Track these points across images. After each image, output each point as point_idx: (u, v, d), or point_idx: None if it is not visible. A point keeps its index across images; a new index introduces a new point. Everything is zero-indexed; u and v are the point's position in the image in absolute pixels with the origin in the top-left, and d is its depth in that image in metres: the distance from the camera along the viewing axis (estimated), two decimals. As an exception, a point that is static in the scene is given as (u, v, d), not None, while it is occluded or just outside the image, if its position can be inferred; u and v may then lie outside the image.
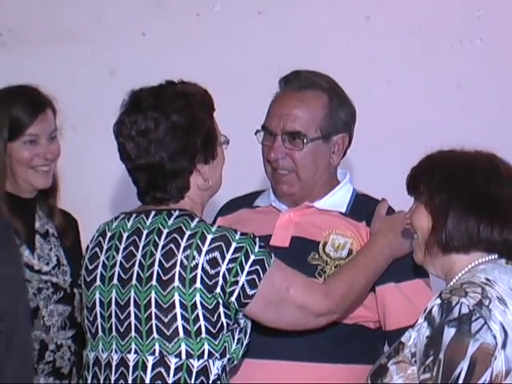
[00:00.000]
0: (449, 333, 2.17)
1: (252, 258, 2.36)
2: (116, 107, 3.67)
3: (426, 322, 2.21)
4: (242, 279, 2.35)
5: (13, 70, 3.35)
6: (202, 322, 2.35)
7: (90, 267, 2.51)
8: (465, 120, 3.51)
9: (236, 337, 2.43)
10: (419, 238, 2.39)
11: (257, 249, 2.38)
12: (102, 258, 2.48)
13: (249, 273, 2.36)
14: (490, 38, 3.53)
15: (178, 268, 2.36)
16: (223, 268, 2.35)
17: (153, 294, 2.38)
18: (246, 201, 2.70)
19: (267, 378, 2.47)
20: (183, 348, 2.37)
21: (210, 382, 2.40)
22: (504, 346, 2.21)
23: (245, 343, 2.46)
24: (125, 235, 2.45)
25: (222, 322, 2.37)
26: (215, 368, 2.41)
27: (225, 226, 2.47)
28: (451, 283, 2.35)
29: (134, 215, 2.47)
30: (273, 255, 2.41)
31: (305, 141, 2.58)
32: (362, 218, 2.50)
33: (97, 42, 3.67)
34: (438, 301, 2.24)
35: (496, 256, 2.34)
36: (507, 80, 3.54)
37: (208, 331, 2.36)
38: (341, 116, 2.64)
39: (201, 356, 2.39)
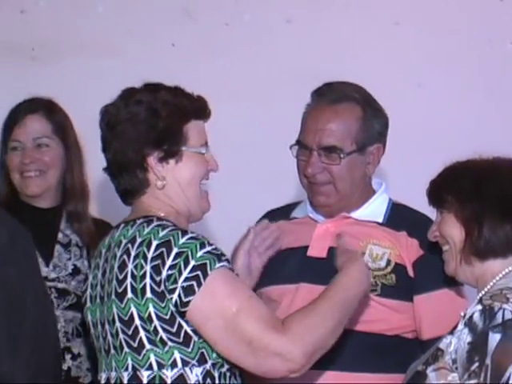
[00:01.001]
0: (494, 338, 2.16)
1: (192, 263, 2.28)
2: None
3: (467, 329, 2.19)
4: (179, 286, 2.28)
5: (45, 83, 3.37)
6: (162, 334, 2.31)
7: (83, 289, 2.52)
8: (496, 124, 3.49)
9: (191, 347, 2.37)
10: (453, 249, 2.38)
11: (200, 253, 2.30)
12: (90, 277, 2.48)
13: (186, 279, 2.28)
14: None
15: (129, 279, 2.33)
16: (163, 275, 2.30)
17: (114, 309, 2.36)
18: (284, 212, 2.69)
19: None
20: (153, 359, 2.33)
21: None
22: None
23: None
24: (103, 251, 2.44)
25: (187, 331, 2.31)
26: (194, 375, 2.35)
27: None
28: (485, 289, 2.33)
29: (119, 226, 2.45)
30: (225, 264, 2.33)
31: (341, 155, 2.57)
32: (402, 228, 2.48)
33: (127, 53, 3.67)
34: (479, 307, 2.22)
35: None
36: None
37: (173, 341, 2.32)
38: (375, 127, 2.64)
39: (174, 365, 2.35)
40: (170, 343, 2.30)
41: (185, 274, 2.24)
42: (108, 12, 3.75)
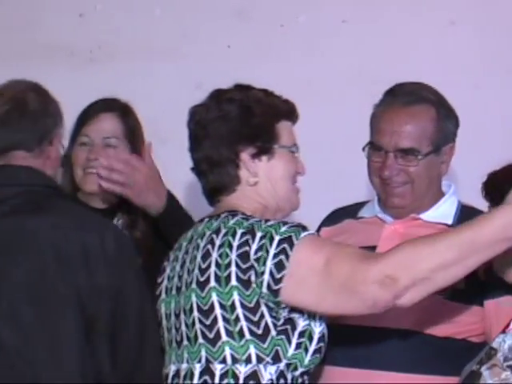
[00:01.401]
0: None
1: (277, 238, 2.28)
2: None
3: None
4: (269, 265, 2.28)
5: (103, 85, 3.34)
6: (243, 323, 2.31)
7: (160, 277, 2.52)
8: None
9: (294, 341, 2.33)
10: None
11: (283, 229, 2.30)
12: (167, 270, 2.50)
13: (275, 255, 2.28)
14: None
15: (213, 268, 2.34)
16: (252, 260, 2.30)
17: (193, 298, 2.36)
18: (350, 211, 2.69)
19: None
20: (227, 352, 2.33)
21: None
22: None
23: (311, 349, 2.35)
24: (184, 244, 2.45)
25: (267, 322, 2.31)
26: (267, 373, 2.34)
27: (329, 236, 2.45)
28: None
29: (202, 221, 2.46)
30: (311, 232, 2.33)
31: (419, 157, 2.58)
32: None
33: (183, 55, 3.69)
34: None
35: None
36: None
37: (252, 332, 2.31)
38: (449, 127, 2.65)
39: (248, 361, 2.34)
40: (247, 335, 2.30)
41: (272, 251, 2.24)
42: (164, 15, 3.76)
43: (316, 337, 2.30)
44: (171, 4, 3.74)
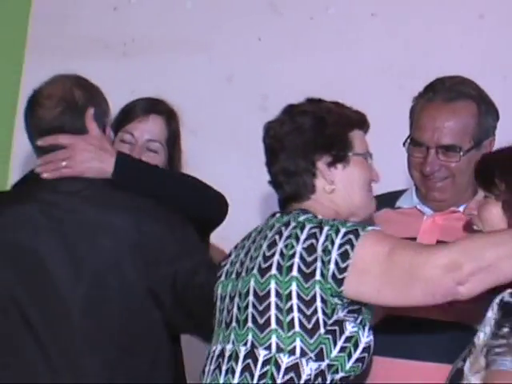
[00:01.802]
0: None
1: (343, 230, 2.32)
2: (234, 112, 3.73)
3: (496, 307, 2.19)
4: (334, 254, 2.31)
5: (135, 78, 3.46)
6: (295, 314, 2.33)
7: (222, 264, 2.57)
8: None
9: (339, 343, 2.36)
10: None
11: (350, 224, 2.36)
12: (232, 256, 2.55)
13: (340, 245, 2.32)
14: None
15: (277, 257, 2.38)
16: (319, 251, 2.33)
17: (251, 283, 2.40)
18: (386, 200, 2.71)
19: (407, 379, 2.45)
20: (273, 340, 2.35)
21: (302, 381, 2.35)
22: None
23: (355, 356, 2.39)
24: (253, 234, 2.50)
25: (318, 318, 2.33)
26: (308, 368, 2.36)
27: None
28: None
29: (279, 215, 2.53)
30: (376, 228, 2.37)
31: (461, 153, 2.59)
32: None
33: (214, 48, 3.72)
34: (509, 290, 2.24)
35: None
36: None
37: (302, 325, 2.33)
38: (489, 121, 2.68)
39: (292, 352, 2.36)
40: (296, 328, 2.33)
41: (337, 241, 2.29)
42: (196, 8, 3.78)
43: (361, 346, 2.34)
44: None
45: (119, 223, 2.63)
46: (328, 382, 2.31)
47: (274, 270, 2.34)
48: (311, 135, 2.43)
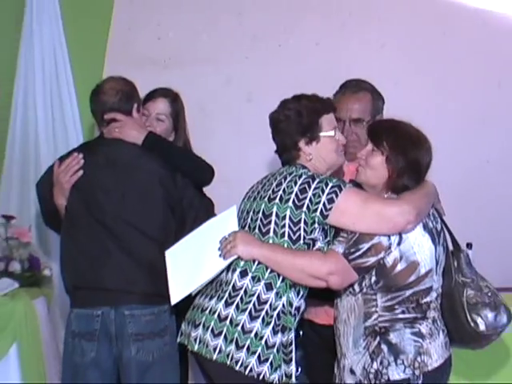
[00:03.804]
0: None
1: (330, 184, 2.73)
2: (232, 104, 4.35)
3: None
4: (323, 199, 2.71)
5: (173, 84, 3.65)
6: (286, 229, 2.76)
7: (250, 190, 2.99)
8: None
9: (312, 248, 2.81)
10: (370, 176, 2.89)
11: (334, 180, 2.74)
12: (254, 187, 2.97)
13: (328, 194, 2.72)
14: None
15: (281, 192, 2.79)
16: (309, 194, 2.73)
17: (262, 206, 2.83)
18: None
19: None
20: (270, 242, 2.82)
21: None
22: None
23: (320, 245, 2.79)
24: (269, 176, 2.92)
25: (300, 234, 2.76)
26: None
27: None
28: None
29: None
30: (351, 185, 2.75)
31: (364, 123, 3.13)
32: None
33: (225, 64, 4.39)
34: None
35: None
36: None
37: (289, 236, 2.76)
38: (379, 104, 3.20)
39: None
40: (286, 237, 2.77)
41: (326, 190, 2.74)
42: (211, 38, 4.44)
43: (319, 244, 2.80)
44: (214, 30, 4.45)
45: (150, 166, 3.21)
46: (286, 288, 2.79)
47: (277, 200, 2.77)
48: (293, 125, 2.84)
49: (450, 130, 3.15)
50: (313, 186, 2.72)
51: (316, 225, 2.72)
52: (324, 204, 2.69)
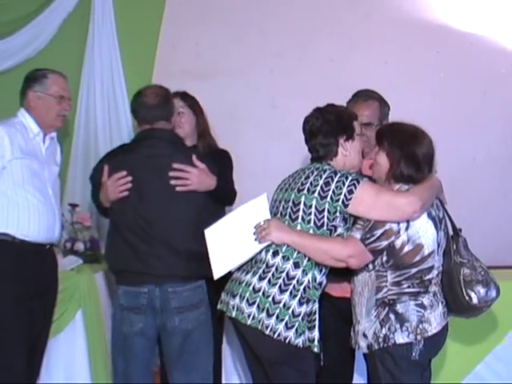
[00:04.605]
0: None
1: (350, 178, 2.77)
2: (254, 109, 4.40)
3: None
4: (344, 191, 2.75)
5: (211, 92, 3.91)
6: (312, 216, 2.78)
7: (282, 182, 3.01)
8: None
9: (332, 235, 2.84)
10: (379, 171, 2.87)
11: (353, 175, 2.79)
12: (286, 180, 2.98)
13: (348, 186, 2.75)
14: None
15: (308, 184, 2.82)
16: (332, 186, 2.77)
17: (292, 196, 2.85)
18: None
19: None
20: (298, 228, 2.85)
21: None
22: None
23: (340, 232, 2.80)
24: (298, 171, 2.94)
25: (324, 221, 2.80)
26: None
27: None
28: None
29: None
30: (366, 179, 2.76)
31: (373, 127, 3.15)
32: None
33: (254, 76, 4.47)
34: None
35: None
36: None
37: (314, 222, 2.79)
38: (386, 111, 3.23)
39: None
40: (311, 223, 2.79)
41: (347, 183, 2.78)
42: (241, 55, 4.52)
43: (340, 231, 2.82)
44: (243, 48, 4.52)
45: (175, 160, 3.18)
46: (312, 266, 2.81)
47: (305, 191, 2.80)
48: (334, 125, 2.87)
49: (443, 132, 3.13)
50: (335, 180, 2.76)
51: (338, 213, 2.77)
52: (345, 195, 2.74)
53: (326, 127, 2.86)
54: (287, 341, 2.74)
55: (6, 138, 3.30)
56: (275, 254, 2.79)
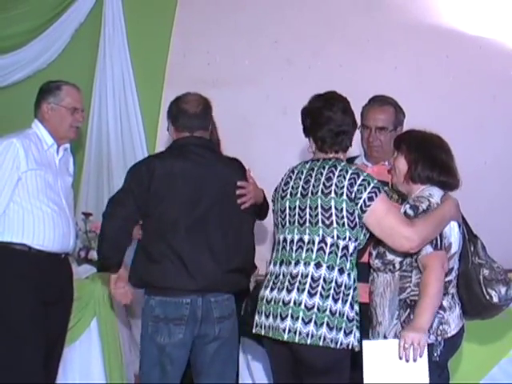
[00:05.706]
0: None
1: (372, 184, 2.76)
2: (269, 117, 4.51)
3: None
4: (364, 196, 2.74)
5: (220, 101, 3.66)
6: (345, 219, 2.75)
7: (284, 188, 2.93)
8: None
9: (363, 232, 2.83)
10: (398, 175, 2.90)
11: (375, 181, 2.77)
12: (291, 182, 2.90)
13: (369, 192, 2.74)
14: None
15: (333, 186, 2.77)
16: (355, 188, 2.74)
17: (319, 201, 2.79)
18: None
19: None
20: (335, 233, 2.79)
21: (349, 253, 2.78)
22: None
23: (368, 236, 2.80)
24: (303, 170, 2.89)
25: (357, 222, 2.78)
26: (352, 246, 2.80)
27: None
28: (412, 196, 2.88)
29: (311, 162, 2.86)
30: (384, 191, 2.76)
31: (387, 132, 3.19)
32: None
33: (259, 83, 4.54)
34: (408, 205, 2.81)
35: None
36: None
37: (348, 225, 2.77)
38: (401, 117, 3.23)
39: (344, 238, 2.79)
40: (346, 226, 2.77)
41: (368, 189, 2.77)
42: (252, 64, 4.57)
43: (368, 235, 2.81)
44: (254, 56, 4.58)
45: (223, 171, 3.27)
46: (355, 249, 2.79)
47: (332, 194, 2.75)
48: (348, 112, 2.88)
49: (453, 136, 2.98)
50: (358, 181, 2.77)
51: (356, 214, 2.78)
52: (364, 200, 2.76)
53: (338, 116, 2.89)
54: (349, 347, 2.76)
55: (21, 149, 3.34)
56: (318, 265, 2.76)
